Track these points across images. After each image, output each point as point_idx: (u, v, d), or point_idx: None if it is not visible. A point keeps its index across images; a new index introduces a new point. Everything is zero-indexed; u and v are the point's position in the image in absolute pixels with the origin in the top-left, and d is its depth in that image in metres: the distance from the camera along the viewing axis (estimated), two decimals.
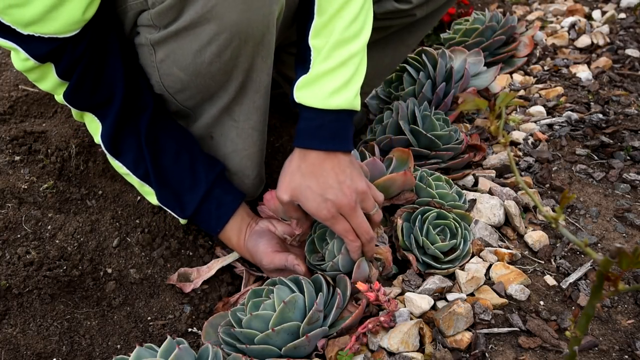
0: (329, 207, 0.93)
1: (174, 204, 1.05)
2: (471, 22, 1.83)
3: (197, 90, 0.98)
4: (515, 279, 1.00)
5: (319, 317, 0.92)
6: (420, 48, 1.53)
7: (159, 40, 0.92)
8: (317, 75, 0.93)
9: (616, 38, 1.82)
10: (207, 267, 1.13)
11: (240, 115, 1.02)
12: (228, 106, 1.01)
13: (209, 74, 0.93)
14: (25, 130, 1.42)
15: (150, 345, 0.85)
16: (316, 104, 0.92)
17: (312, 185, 0.93)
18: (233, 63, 0.92)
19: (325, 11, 0.93)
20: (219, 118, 1.03)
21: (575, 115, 1.44)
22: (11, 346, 1.00)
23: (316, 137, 0.94)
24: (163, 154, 1.03)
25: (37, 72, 0.93)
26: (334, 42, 0.93)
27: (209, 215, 1.07)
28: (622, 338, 0.91)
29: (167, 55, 0.93)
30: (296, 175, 0.95)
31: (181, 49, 0.91)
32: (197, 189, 1.04)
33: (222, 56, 0.89)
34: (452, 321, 0.90)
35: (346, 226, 0.95)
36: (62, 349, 1.01)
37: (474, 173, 1.29)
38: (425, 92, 1.44)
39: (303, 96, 0.94)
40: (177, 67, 0.94)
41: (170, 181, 1.04)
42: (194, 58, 0.90)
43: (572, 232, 1.13)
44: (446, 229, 1.06)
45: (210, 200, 1.05)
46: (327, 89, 0.92)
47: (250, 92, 0.99)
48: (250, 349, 0.89)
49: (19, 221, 1.17)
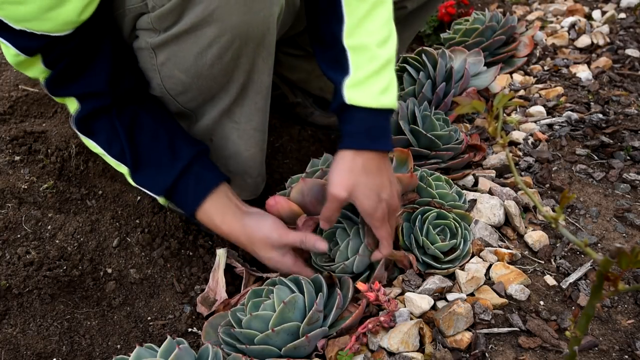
0: (384, 207, 0.95)
1: (150, 181, 1.01)
2: (471, 22, 1.83)
3: (198, 92, 0.98)
4: (515, 279, 1.00)
5: (319, 318, 0.92)
6: (420, 48, 1.53)
7: (159, 44, 0.92)
8: (366, 76, 0.94)
9: (616, 38, 1.82)
10: (214, 282, 1.12)
11: (242, 117, 1.02)
12: (229, 108, 1.01)
13: (211, 75, 0.93)
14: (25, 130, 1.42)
15: (150, 345, 0.85)
16: (370, 103, 0.93)
17: (369, 183, 0.94)
18: (234, 64, 0.92)
19: (356, 13, 0.95)
20: (220, 121, 1.03)
21: (575, 115, 1.44)
22: (11, 346, 1.00)
23: (370, 137, 0.95)
24: (140, 131, 1.00)
25: (26, 62, 0.93)
26: (376, 44, 0.95)
27: (186, 191, 1.00)
28: (622, 338, 0.91)
29: (168, 58, 0.93)
30: (352, 173, 0.95)
31: (182, 51, 0.91)
32: (176, 164, 0.99)
33: (223, 58, 0.89)
34: (452, 321, 0.90)
35: (389, 230, 0.98)
36: (62, 349, 1.01)
37: (474, 173, 1.29)
38: (425, 92, 1.44)
39: (355, 97, 0.94)
40: (179, 70, 0.94)
41: (147, 158, 1.01)
42: (195, 60, 0.90)
43: (572, 232, 1.13)
44: (446, 229, 1.06)
45: (189, 176, 0.99)
46: (376, 89, 0.94)
47: (251, 94, 0.99)
48: (250, 349, 0.89)
49: (19, 221, 1.17)
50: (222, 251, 1.14)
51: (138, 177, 1.01)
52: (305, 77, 1.54)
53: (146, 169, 1.01)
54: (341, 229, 1.05)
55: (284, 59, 1.52)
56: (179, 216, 1.28)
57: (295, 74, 1.55)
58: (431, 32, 2.09)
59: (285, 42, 1.47)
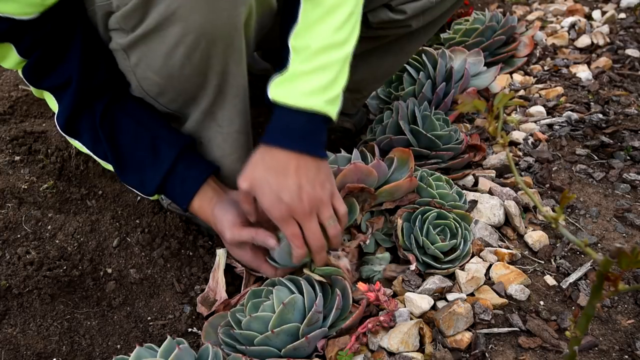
0: (282, 208, 0.91)
1: (137, 182, 1.03)
2: (471, 22, 1.83)
3: (175, 94, 0.98)
4: (515, 279, 1.00)
5: (319, 318, 0.92)
6: (420, 48, 1.53)
7: (129, 45, 0.92)
8: (293, 75, 0.92)
9: (616, 38, 1.82)
10: (214, 282, 1.12)
11: (224, 120, 1.01)
12: (210, 110, 1.00)
13: (183, 76, 0.92)
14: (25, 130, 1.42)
15: (150, 345, 0.85)
16: (289, 101, 0.90)
17: (272, 181, 0.91)
18: (205, 65, 0.91)
19: (310, 16, 0.93)
20: (204, 122, 1.03)
21: (575, 115, 1.44)
22: (11, 346, 1.00)
23: (285, 135, 0.91)
24: (120, 133, 1.01)
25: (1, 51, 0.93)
26: (316, 47, 0.92)
27: (173, 191, 1.04)
28: (622, 338, 0.91)
29: (140, 59, 0.93)
30: (259, 167, 0.93)
31: (151, 52, 0.90)
32: (160, 167, 1.01)
33: (191, 58, 0.89)
34: (452, 321, 0.90)
35: (295, 231, 0.93)
36: (62, 349, 1.01)
37: (474, 173, 1.29)
38: (425, 92, 1.44)
39: (277, 93, 0.92)
40: (151, 71, 0.94)
41: (130, 161, 1.02)
42: (165, 61, 0.90)
43: (572, 232, 1.13)
44: (446, 229, 1.06)
45: (174, 176, 1.02)
46: (302, 89, 0.91)
47: (229, 97, 0.98)
48: (250, 350, 0.89)
49: (19, 221, 1.17)
50: (222, 251, 1.14)
51: (125, 178, 1.04)
52: None
53: (131, 171, 1.03)
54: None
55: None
56: (179, 216, 1.28)
57: None
58: None
59: None
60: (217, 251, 1.14)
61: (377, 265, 1.09)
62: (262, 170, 0.92)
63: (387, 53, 1.38)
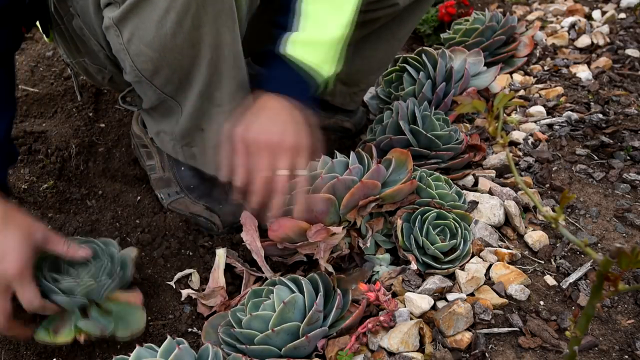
0: (247, 138, 0.94)
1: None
2: (471, 22, 1.83)
3: (170, 70, 0.98)
4: (515, 279, 1.00)
5: (319, 318, 0.92)
6: (420, 48, 1.53)
7: (121, 17, 0.92)
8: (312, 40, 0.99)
9: (616, 38, 1.82)
10: (214, 282, 1.12)
11: (223, 98, 1.01)
12: (207, 91, 1.00)
13: (176, 47, 0.93)
14: (25, 130, 1.42)
15: (150, 345, 0.85)
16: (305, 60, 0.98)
17: (252, 118, 0.96)
18: (197, 34, 0.91)
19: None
20: (202, 106, 1.03)
21: (575, 115, 1.44)
22: (11, 346, 1.00)
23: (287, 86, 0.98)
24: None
25: None
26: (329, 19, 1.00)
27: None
28: (622, 338, 0.91)
29: (132, 32, 0.93)
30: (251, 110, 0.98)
31: (143, 22, 0.91)
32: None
33: (183, 25, 0.89)
34: (452, 321, 0.90)
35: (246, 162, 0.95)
36: (62, 349, 1.01)
37: (474, 173, 1.29)
38: (425, 92, 1.44)
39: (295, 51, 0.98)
40: (144, 44, 0.94)
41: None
42: (157, 30, 0.90)
43: (572, 232, 1.13)
44: (446, 229, 1.06)
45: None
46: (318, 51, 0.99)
47: (226, 70, 0.98)
48: (250, 349, 0.89)
49: None
50: (222, 251, 1.14)
51: None
52: None
53: None
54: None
55: None
56: (179, 216, 1.28)
57: None
58: (431, 32, 2.09)
59: None
60: (217, 251, 1.15)
61: (377, 266, 1.09)
62: (251, 114, 0.97)
63: (379, 40, 1.38)
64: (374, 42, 1.38)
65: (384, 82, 1.59)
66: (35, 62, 1.70)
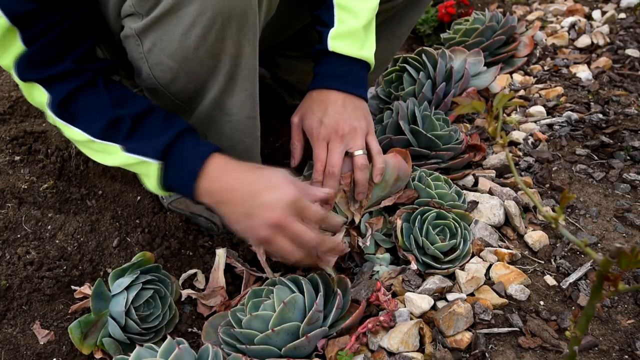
0: (321, 130, 1.06)
1: (144, 145, 0.93)
2: (471, 22, 1.83)
3: (187, 79, 0.97)
4: (515, 279, 1.00)
5: (319, 318, 0.92)
6: (420, 48, 1.53)
7: (143, 29, 0.92)
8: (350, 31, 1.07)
9: (616, 38, 1.82)
10: (214, 282, 1.12)
11: (233, 107, 1.01)
12: (219, 99, 1.00)
13: (197, 58, 0.92)
14: (25, 130, 1.42)
15: (150, 345, 0.85)
16: (348, 52, 1.07)
17: (316, 109, 1.08)
18: (219, 46, 0.91)
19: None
20: (212, 113, 1.03)
21: (575, 115, 1.44)
22: (11, 346, 1.00)
23: (338, 79, 1.08)
24: (131, 102, 0.97)
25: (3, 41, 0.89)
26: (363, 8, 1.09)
27: (183, 154, 0.93)
28: (622, 338, 0.91)
29: (154, 43, 0.93)
30: (307, 102, 1.11)
31: (166, 34, 0.90)
32: (171, 130, 0.94)
33: (207, 38, 0.89)
34: (452, 321, 0.90)
35: (322, 155, 1.06)
36: (62, 349, 1.01)
37: (474, 173, 1.29)
38: (425, 92, 1.44)
39: (337, 45, 1.06)
40: (165, 55, 0.93)
41: (140, 128, 0.95)
42: (180, 42, 0.90)
43: (572, 232, 1.13)
44: (446, 229, 1.06)
45: (185, 139, 0.94)
46: (358, 42, 1.08)
47: (240, 80, 0.98)
48: (250, 349, 0.89)
49: (19, 221, 1.17)
50: (222, 251, 1.14)
51: (131, 144, 0.94)
52: (303, 78, 1.54)
53: (139, 137, 0.95)
54: None
55: (281, 61, 1.52)
56: (179, 216, 1.28)
57: (292, 76, 1.55)
58: (431, 32, 2.09)
59: (283, 44, 1.47)
60: (217, 251, 1.15)
61: (377, 266, 1.09)
62: (309, 103, 1.10)
63: (379, 39, 1.38)
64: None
65: (384, 82, 1.59)
66: None
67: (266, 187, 0.90)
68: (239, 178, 0.93)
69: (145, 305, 1.01)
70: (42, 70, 0.93)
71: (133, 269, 1.04)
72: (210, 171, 0.92)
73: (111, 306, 0.99)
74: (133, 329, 0.98)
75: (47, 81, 0.94)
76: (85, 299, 1.04)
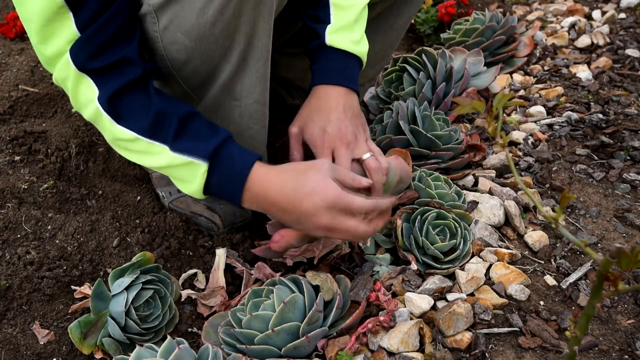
0: (325, 138, 1.05)
1: (194, 146, 0.93)
2: (471, 22, 1.83)
3: (200, 61, 0.97)
4: (515, 279, 1.00)
5: (319, 318, 0.92)
6: (420, 48, 1.53)
7: (161, 4, 0.92)
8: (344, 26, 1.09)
9: (616, 38, 1.82)
10: (214, 282, 1.12)
11: (243, 91, 1.01)
12: (230, 82, 1.00)
13: (213, 36, 0.92)
14: (25, 130, 1.42)
15: (150, 345, 0.85)
16: (345, 47, 1.08)
17: (315, 118, 1.06)
18: (235, 24, 0.91)
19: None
20: (220, 99, 1.03)
21: (575, 115, 1.44)
22: (11, 346, 1.00)
23: (338, 74, 1.08)
24: (178, 106, 0.96)
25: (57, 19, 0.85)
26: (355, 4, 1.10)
27: (233, 159, 0.94)
28: (622, 338, 0.91)
29: (170, 20, 0.93)
30: (306, 109, 1.09)
31: (183, 10, 0.90)
32: (217, 136, 0.95)
33: (224, 13, 0.89)
34: (452, 321, 0.90)
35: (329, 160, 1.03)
36: (62, 349, 1.01)
37: (474, 173, 1.30)
38: (425, 92, 1.44)
39: (335, 40, 1.08)
40: (181, 32, 0.93)
41: (187, 130, 0.95)
42: (197, 19, 0.90)
43: (572, 232, 1.13)
44: (446, 229, 1.06)
45: (232, 143, 0.96)
46: (352, 38, 1.10)
47: (252, 61, 0.98)
48: (250, 349, 0.89)
49: (19, 221, 1.17)
50: (222, 251, 1.14)
51: (179, 144, 0.93)
52: (302, 75, 1.54)
53: (188, 138, 0.95)
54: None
55: (279, 58, 1.52)
56: (179, 216, 1.28)
57: (291, 73, 1.55)
58: (431, 32, 2.09)
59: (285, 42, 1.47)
60: (217, 251, 1.15)
61: (377, 266, 1.09)
62: (308, 112, 1.08)
63: (377, 32, 1.39)
64: (371, 33, 1.38)
65: (384, 82, 1.59)
66: (35, 62, 1.70)
67: (306, 194, 0.90)
68: (279, 190, 0.93)
69: (145, 305, 1.01)
70: (98, 59, 0.90)
71: (133, 269, 1.04)
72: (254, 178, 0.94)
73: (111, 306, 0.99)
74: (133, 329, 0.98)
75: (101, 72, 0.91)
76: (85, 299, 1.04)
